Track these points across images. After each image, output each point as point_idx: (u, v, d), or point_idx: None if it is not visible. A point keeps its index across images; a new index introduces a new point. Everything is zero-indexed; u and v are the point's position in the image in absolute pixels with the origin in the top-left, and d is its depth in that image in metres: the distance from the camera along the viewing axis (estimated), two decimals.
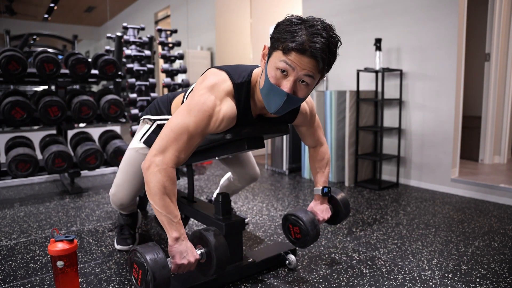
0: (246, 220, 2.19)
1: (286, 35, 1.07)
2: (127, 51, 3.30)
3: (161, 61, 3.79)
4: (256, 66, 1.33)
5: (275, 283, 1.54)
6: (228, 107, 1.22)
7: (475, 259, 1.76)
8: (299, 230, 1.52)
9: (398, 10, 3.16)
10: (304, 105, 1.45)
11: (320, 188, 1.61)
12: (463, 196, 2.87)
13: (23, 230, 2.16)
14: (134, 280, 1.16)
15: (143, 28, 3.57)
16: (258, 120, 1.37)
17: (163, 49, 3.53)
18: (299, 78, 1.10)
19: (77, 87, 4.59)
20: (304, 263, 1.72)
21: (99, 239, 2.02)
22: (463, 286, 1.51)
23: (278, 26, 1.12)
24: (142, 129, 1.66)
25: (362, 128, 3.18)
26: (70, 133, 3.42)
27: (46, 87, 3.54)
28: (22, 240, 2.00)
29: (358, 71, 3.12)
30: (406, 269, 1.66)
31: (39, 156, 3.06)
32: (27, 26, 6.72)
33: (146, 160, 1.17)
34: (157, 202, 1.15)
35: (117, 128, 3.90)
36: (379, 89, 3.29)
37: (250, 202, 2.71)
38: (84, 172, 3.54)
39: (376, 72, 3.15)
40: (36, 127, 3.79)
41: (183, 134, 1.16)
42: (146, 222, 2.30)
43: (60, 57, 4.82)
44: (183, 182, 3.23)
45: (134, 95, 3.12)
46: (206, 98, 1.19)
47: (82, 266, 1.69)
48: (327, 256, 1.80)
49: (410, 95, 3.16)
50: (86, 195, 2.91)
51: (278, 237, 2.04)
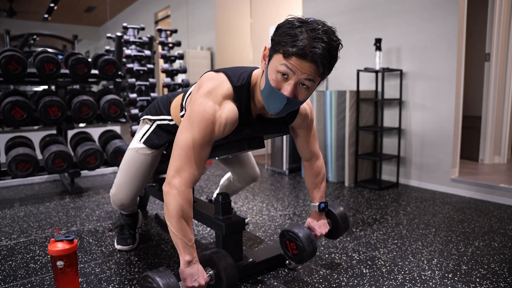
0: (246, 220, 2.19)
1: (287, 38, 1.06)
2: (127, 51, 3.30)
3: (161, 61, 3.79)
4: (255, 68, 1.33)
5: (275, 283, 1.54)
6: (229, 110, 1.22)
7: (475, 259, 1.76)
8: (295, 246, 1.52)
9: (398, 10, 3.16)
10: (304, 106, 1.45)
11: (317, 204, 1.61)
12: (463, 196, 2.87)
13: (23, 230, 2.16)
14: None
15: (143, 28, 3.57)
16: (258, 120, 1.37)
17: (163, 49, 3.53)
18: (299, 81, 1.10)
19: (77, 87, 4.59)
20: (304, 263, 1.72)
21: (99, 239, 2.02)
22: (463, 286, 1.51)
23: (279, 28, 1.11)
24: (142, 129, 1.66)
25: (362, 128, 3.18)
26: (70, 133, 3.42)
27: (46, 87, 3.55)
28: (22, 240, 2.00)
29: (358, 71, 3.12)
30: (406, 269, 1.66)
31: (39, 156, 3.06)
32: (27, 26, 6.73)
33: (166, 183, 1.20)
34: (174, 224, 1.17)
35: (117, 128, 3.91)
36: (379, 89, 3.29)
37: (250, 202, 2.71)
38: (84, 172, 3.54)
39: (376, 72, 3.15)
40: (36, 127, 3.79)
41: (193, 149, 1.18)
42: (146, 222, 2.30)
43: (60, 57, 4.82)
44: None
45: (134, 95, 3.12)
46: (205, 105, 1.18)
47: (82, 266, 1.69)
48: (327, 256, 1.80)
49: (410, 95, 3.16)
50: (86, 195, 2.91)
51: (278, 237, 2.04)
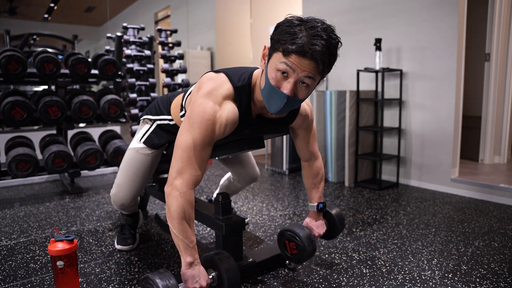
0: (246, 220, 2.19)
1: (286, 36, 1.06)
2: (127, 51, 3.30)
3: (161, 61, 3.79)
4: (256, 68, 1.33)
5: (275, 283, 1.54)
6: (229, 110, 1.22)
7: (475, 259, 1.76)
8: (295, 246, 1.51)
9: (398, 10, 3.16)
10: (304, 106, 1.45)
11: (315, 204, 1.62)
12: (463, 196, 2.87)
13: (23, 230, 2.16)
14: None
15: (143, 28, 3.57)
16: (258, 120, 1.37)
17: (163, 49, 3.53)
18: (299, 79, 1.10)
19: (77, 87, 4.59)
20: (304, 263, 1.72)
21: (99, 239, 2.02)
22: (463, 286, 1.51)
23: (278, 27, 1.12)
24: (142, 129, 1.66)
25: (362, 128, 3.18)
26: (70, 133, 3.42)
27: (46, 87, 3.55)
28: (22, 240, 2.00)
29: (358, 71, 3.12)
30: (406, 269, 1.66)
31: (39, 156, 3.06)
32: (27, 26, 6.73)
33: (168, 184, 1.20)
34: (175, 226, 1.18)
35: (117, 128, 3.90)
36: (379, 89, 3.29)
37: (250, 202, 2.71)
38: (84, 172, 3.54)
39: (376, 72, 3.15)
40: (36, 127, 3.79)
41: (194, 150, 1.18)
42: (146, 222, 2.30)
43: (60, 57, 4.82)
44: None
45: (134, 95, 3.12)
46: (205, 106, 1.18)
47: (82, 266, 1.69)
48: (327, 256, 1.80)
49: (410, 95, 3.16)
50: (86, 195, 2.91)
51: (277, 236, 2.04)
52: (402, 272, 1.63)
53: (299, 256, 1.52)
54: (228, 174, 2.04)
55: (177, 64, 4.80)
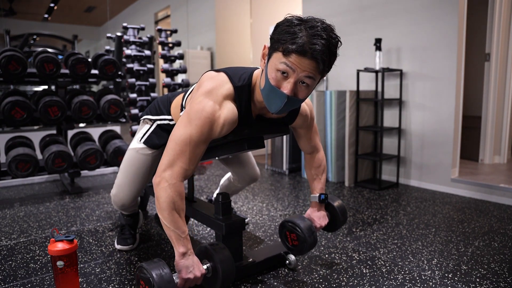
0: (246, 220, 2.19)
1: (286, 36, 1.06)
2: (127, 51, 3.30)
3: (161, 61, 3.79)
4: (256, 68, 1.33)
5: (275, 283, 1.54)
6: (228, 110, 1.22)
7: (475, 259, 1.76)
8: (296, 237, 1.51)
9: (398, 10, 3.16)
10: (304, 106, 1.45)
11: (317, 195, 1.61)
12: (463, 196, 2.87)
13: (23, 230, 2.16)
14: None
15: (143, 28, 3.57)
16: (258, 120, 1.37)
17: (163, 49, 3.53)
18: (299, 79, 1.10)
19: (77, 87, 4.59)
20: (304, 263, 1.72)
21: (99, 239, 2.02)
22: (463, 286, 1.51)
23: (277, 27, 1.12)
24: (142, 129, 1.66)
25: (362, 128, 3.18)
26: (70, 133, 3.42)
27: (46, 87, 3.55)
28: (22, 240, 2.00)
29: (358, 71, 3.12)
30: (406, 269, 1.66)
31: (39, 156, 3.06)
32: (27, 26, 6.72)
33: (157, 175, 1.19)
34: (166, 217, 1.17)
35: (117, 128, 3.90)
36: (379, 89, 3.29)
37: (250, 202, 2.71)
38: (84, 172, 3.54)
39: (376, 72, 3.15)
40: (36, 127, 3.79)
41: (188, 145, 1.18)
42: (146, 222, 2.30)
43: (60, 57, 4.82)
44: None
45: (134, 95, 3.12)
46: (205, 104, 1.18)
47: (82, 266, 1.69)
48: (327, 256, 1.80)
49: (410, 95, 3.16)
50: (86, 195, 2.91)
51: (278, 237, 2.04)
52: (402, 272, 1.63)
53: (299, 247, 1.52)
54: (228, 174, 2.04)
55: (177, 64, 4.80)
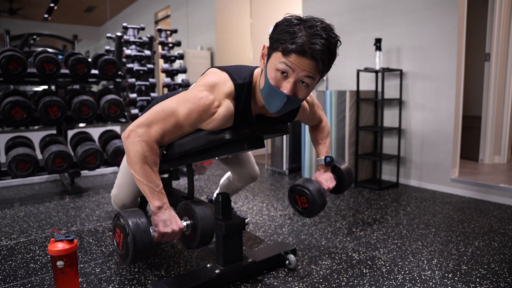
0: (246, 220, 2.19)
1: (285, 36, 1.06)
2: (127, 51, 3.30)
3: (161, 61, 3.79)
4: (256, 67, 1.33)
5: (275, 283, 1.54)
6: (224, 108, 1.22)
7: (475, 259, 1.76)
8: (306, 200, 1.53)
9: (398, 10, 3.16)
10: (303, 102, 1.45)
11: (323, 158, 1.62)
12: (463, 196, 2.87)
13: (23, 230, 2.16)
14: (116, 245, 1.14)
15: (143, 28, 3.57)
16: (258, 120, 1.37)
17: (163, 49, 3.54)
18: (299, 79, 1.10)
19: (77, 87, 4.59)
20: (304, 263, 1.72)
21: (99, 239, 2.02)
22: (463, 286, 1.51)
23: (277, 26, 1.11)
24: None
25: (362, 128, 3.18)
26: (70, 133, 3.42)
27: (46, 87, 3.55)
28: (22, 240, 2.00)
29: (358, 71, 3.12)
30: (406, 269, 1.66)
31: (39, 156, 3.06)
32: (27, 26, 6.72)
33: (127, 129, 1.17)
34: (137, 171, 1.15)
35: (117, 128, 3.91)
36: (379, 89, 3.29)
37: (250, 202, 2.71)
38: (84, 172, 3.54)
39: (376, 72, 3.15)
40: (36, 127, 3.79)
41: (172, 117, 1.17)
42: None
43: (60, 57, 4.82)
44: (183, 182, 3.23)
45: (134, 95, 3.13)
46: (205, 95, 1.19)
47: (82, 266, 1.69)
48: (327, 256, 1.80)
49: (410, 95, 3.16)
50: (86, 195, 2.91)
51: (278, 237, 2.04)
52: (402, 272, 1.63)
53: (310, 209, 1.53)
54: (228, 174, 2.04)
55: (177, 64, 4.80)
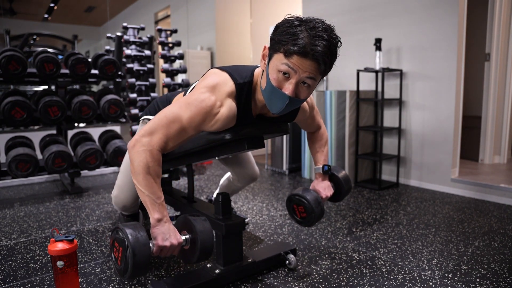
0: (246, 220, 2.19)
1: (287, 37, 1.06)
2: (127, 51, 3.30)
3: (161, 61, 3.79)
4: (257, 66, 1.33)
5: (275, 283, 1.54)
6: (226, 108, 1.22)
7: (475, 259, 1.76)
8: (304, 209, 1.53)
9: (398, 10, 3.16)
10: (303, 103, 1.45)
11: (321, 166, 1.62)
12: (463, 196, 2.87)
13: (23, 230, 2.16)
14: (114, 260, 1.12)
15: (143, 28, 3.57)
16: (258, 120, 1.37)
17: (163, 49, 3.54)
18: (301, 80, 1.10)
19: (77, 87, 4.59)
20: (304, 263, 1.72)
21: (99, 239, 2.02)
22: (463, 286, 1.51)
23: (278, 27, 1.12)
24: None
25: (362, 128, 3.18)
26: (70, 133, 3.42)
27: (46, 87, 3.55)
28: (22, 240, 2.00)
29: (358, 71, 3.12)
30: (406, 269, 1.66)
31: (39, 156, 3.06)
32: (27, 26, 6.72)
33: (133, 139, 1.17)
34: (140, 181, 1.14)
35: (117, 128, 3.90)
36: (379, 89, 3.29)
37: (250, 202, 2.71)
38: (84, 172, 3.54)
39: (376, 72, 3.15)
40: (36, 127, 3.79)
41: (175, 123, 1.17)
42: (146, 222, 2.30)
43: (60, 57, 4.82)
44: (183, 182, 3.23)
45: (134, 95, 3.13)
46: (207, 97, 1.19)
47: (82, 266, 1.69)
48: (327, 256, 1.80)
49: (410, 95, 3.16)
50: (86, 195, 2.91)
51: (278, 237, 2.04)
52: (402, 272, 1.63)
53: (308, 219, 1.54)
54: (228, 174, 2.04)
55: (177, 64, 4.80)
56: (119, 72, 3.17)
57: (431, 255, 1.81)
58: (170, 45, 3.54)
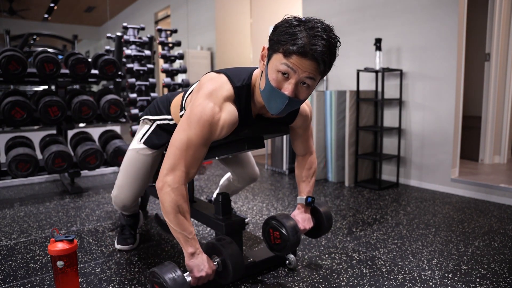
0: (246, 220, 2.19)
1: (286, 37, 1.06)
2: (127, 51, 3.30)
3: (161, 61, 3.79)
4: (256, 68, 1.33)
5: (275, 283, 1.54)
6: (228, 112, 1.22)
7: (475, 259, 1.76)
8: (279, 235, 1.46)
9: (398, 10, 3.16)
10: (304, 107, 1.45)
11: (304, 197, 1.58)
12: (463, 196, 2.87)
13: (23, 230, 2.16)
14: None
15: (143, 28, 3.57)
16: (258, 120, 1.37)
17: (163, 49, 3.54)
18: (300, 80, 1.10)
19: (77, 87, 4.59)
20: (304, 263, 1.72)
21: (99, 239, 2.02)
22: (463, 286, 1.51)
23: (277, 28, 1.12)
24: (142, 129, 1.65)
25: (362, 128, 3.18)
26: (70, 133, 3.42)
27: (46, 87, 3.55)
28: (22, 240, 2.00)
29: (358, 71, 3.12)
30: (406, 269, 1.66)
31: (39, 156, 3.06)
32: (27, 26, 6.72)
33: (159, 180, 1.21)
34: (172, 220, 1.20)
35: (117, 128, 3.91)
36: (379, 89, 3.29)
37: (250, 202, 2.71)
38: (84, 172, 3.54)
39: (376, 72, 3.15)
40: (36, 127, 3.79)
41: (188, 149, 1.18)
42: (146, 222, 2.31)
43: (60, 57, 4.82)
44: None
45: (134, 95, 3.13)
46: (205, 106, 1.18)
47: (82, 266, 1.69)
48: (327, 256, 1.80)
49: (410, 95, 3.16)
50: (86, 195, 2.91)
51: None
52: (402, 272, 1.63)
53: (281, 246, 1.47)
54: (228, 174, 2.04)
55: (177, 64, 4.80)
56: (119, 72, 3.17)
57: (431, 255, 1.81)
58: (170, 45, 3.54)
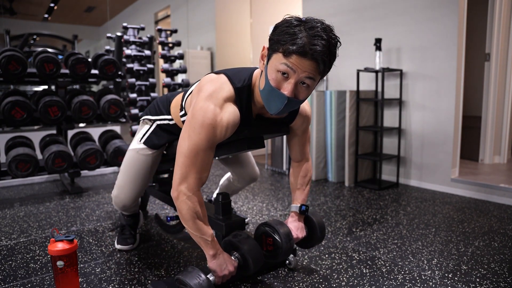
0: (246, 220, 2.19)
1: (286, 37, 1.06)
2: (127, 51, 3.30)
3: (161, 61, 3.79)
4: (256, 68, 1.33)
5: (275, 283, 1.54)
6: (230, 113, 1.21)
7: (475, 259, 1.76)
8: (272, 242, 1.45)
9: (398, 10, 3.16)
10: (305, 107, 1.44)
11: (298, 205, 1.57)
12: (463, 196, 2.87)
13: (23, 230, 2.16)
14: None
15: (143, 28, 3.57)
16: (258, 120, 1.37)
17: (163, 49, 3.53)
18: (300, 80, 1.10)
19: (77, 87, 4.59)
20: (304, 263, 1.72)
21: (99, 239, 2.02)
22: (463, 286, 1.51)
23: (277, 28, 1.12)
24: (142, 129, 1.65)
25: (362, 128, 3.18)
26: (70, 133, 3.42)
27: (46, 87, 3.55)
28: (22, 240, 2.00)
29: (358, 71, 3.12)
30: (406, 269, 1.66)
31: (39, 156, 3.06)
32: (27, 26, 6.72)
33: (174, 190, 1.23)
34: (191, 226, 1.24)
35: (117, 128, 3.91)
36: (379, 89, 3.29)
37: (250, 202, 2.71)
38: (84, 172, 3.54)
39: (376, 72, 3.15)
40: (36, 127, 3.79)
41: (197, 155, 1.20)
42: (146, 222, 2.31)
43: (60, 57, 4.82)
44: None
45: (134, 95, 3.12)
46: (206, 109, 1.18)
47: (82, 266, 1.69)
48: (327, 256, 1.80)
49: (410, 95, 3.16)
50: (86, 195, 2.91)
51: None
52: (402, 272, 1.63)
53: (274, 253, 1.46)
54: (228, 174, 2.04)
55: (177, 64, 4.80)
56: (119, 72, 3.17)
57: (431, 255, 1.81)
58: (170, 45, 3.53)
